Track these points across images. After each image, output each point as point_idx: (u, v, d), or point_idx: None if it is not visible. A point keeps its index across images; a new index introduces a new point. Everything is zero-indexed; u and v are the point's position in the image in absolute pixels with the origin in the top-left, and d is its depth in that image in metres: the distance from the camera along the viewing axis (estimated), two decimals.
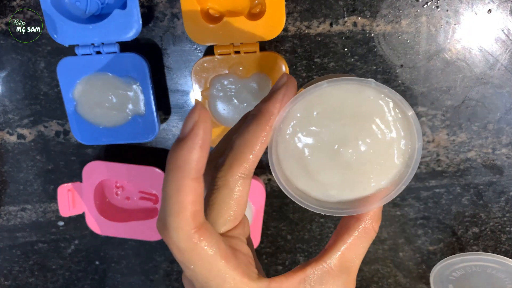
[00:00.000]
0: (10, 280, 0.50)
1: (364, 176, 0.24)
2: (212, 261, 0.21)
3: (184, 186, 0.19)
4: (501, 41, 0.38)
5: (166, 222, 0.20)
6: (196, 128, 0.19)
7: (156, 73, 0.41)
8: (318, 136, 0.23)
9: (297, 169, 0.24)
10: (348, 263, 0.24)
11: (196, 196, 0.20)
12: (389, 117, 0.23)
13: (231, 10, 0.37)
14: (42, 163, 0.44)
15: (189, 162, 0.19)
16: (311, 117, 0.23)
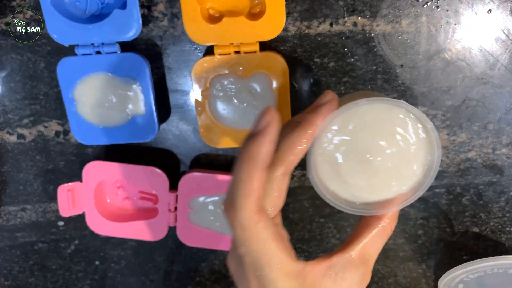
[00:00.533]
0: (10, 280, 0.50)
1: (388, 182, 0.28)
2: (266, 241, 0.24)
3: (254, 174, 0.24)
4: (501, 41, 0.38)
5: (235, 202, 0.24)
6: (269, 126, 0.24)
7: (156, 73, 0.41)
8: (351, 145, 0.27)
9: (330, 173, 0.28)
10: (367, 256, 0.27)
11: (261, 183, 0.24)
12: (413, 133, 0.27)
13: (231, 10, 0.38)
14: (42, 163, 0.44)
15: (260, 154, 0.24)
16: (347, 129, 0.27)
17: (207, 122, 0.39)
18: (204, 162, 0.44)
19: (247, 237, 0.24)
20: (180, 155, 0.44)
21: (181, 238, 0.44)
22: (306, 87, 0.40)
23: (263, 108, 0.25)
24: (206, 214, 0.43)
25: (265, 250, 0.25)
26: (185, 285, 0.49)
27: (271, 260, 0.25)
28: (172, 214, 0.43)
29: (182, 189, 0.42)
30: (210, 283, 0.48)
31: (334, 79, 0.39)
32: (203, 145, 0.43)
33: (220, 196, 0.42)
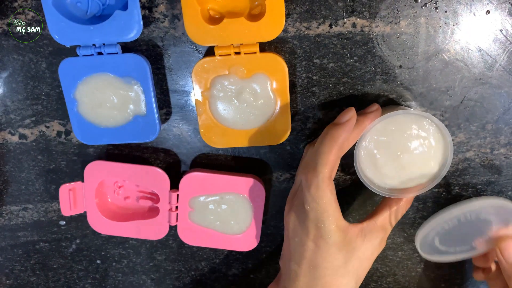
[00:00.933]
0: (12, 279, 0.50)
1: (411, 174, 0.37)
2: (331, 201, 0.33)
3: (334, 149, 0.33)
4: (499, 42, 0.38)
5: (317, 167, 0.33)
6: (350, 120, 0.34)
7: (157, 73, 0.41)
8: (387, 144, 0.37)
9: (369, 164, 0.37)
10: (386, 225, 0.38)
11: (336, 158, 0.34)
12: (434, 139, 0.36)
13: (231, 11, 0.38)
14: (44, 163, 0.45)
15: (340, 137, 0.34)
16: (386, 131, 0.36)
17: (207, 123, 0.40)
18: (204, 162, 0.44)
19: (319, 195, 0.33)
20: (181, 155, 0.44)
21: (182, 237, 0.44)
22: (306, 87, 0.40)
23: (347, 108, 0.35)
24: (207, 214, 0.43)
25: (329, 207, 0.33)
26: (185, 284, 0.49)
27: (331, 215, 0.34)
28: (173, 214, 0.43)
29: (183, 188, 0.42)
30: (211, 282, 0.48)
31: (333, 79, 0.40)
32: (204, 145, 0.43)
33: (221, 196, 0.43)
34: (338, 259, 0.35)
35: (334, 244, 0.34)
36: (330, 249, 0.34)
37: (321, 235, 0.34)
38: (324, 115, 0.41)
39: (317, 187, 0.33)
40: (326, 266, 0.35)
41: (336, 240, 0.34)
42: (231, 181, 0.42)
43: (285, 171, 0.44)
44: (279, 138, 0.40)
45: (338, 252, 0.35)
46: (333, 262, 0.35)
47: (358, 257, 0.36)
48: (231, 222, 0.43)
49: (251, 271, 0.48)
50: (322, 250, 0.34)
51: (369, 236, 0.36)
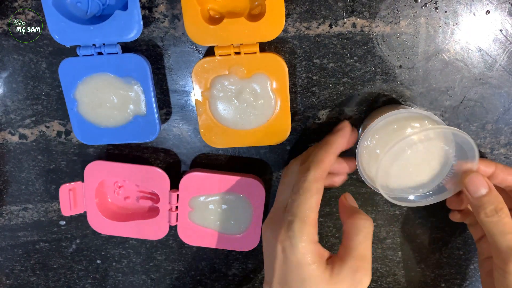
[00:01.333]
0: (12, 279, 0.50)
1: (415, 173, 0.37)
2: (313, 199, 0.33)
3: (330, 153, 0.35)
4: (499, 42, 0.38)
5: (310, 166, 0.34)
6: (344, 128, 0.37)
7: (157, 73, 0.41)
8: (389, 144, 0.35)
9: (371, 163, 0.36)
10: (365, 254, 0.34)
11: (330, 162, 0.35)
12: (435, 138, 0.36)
13: (231, 11, 0.38)
14: (44, 163, 0.45)
15: (335, 143, 0.36)
16: (387, 131, 0.36)
17: (207, 123, 0.40)
18: (204, 162, 0.44)
19: (306, 188, 0.33)
20: (181, 155, 0.44)
21: (182, 237, 0.44)
22: (306, 87, 0.40)
23: (342, 121, 0.38)
24: (207, 214, 0.43)
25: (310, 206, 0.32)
26: (185, 284, 0.49)
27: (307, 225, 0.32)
28: (173, 214, 0.43)
29: (183, 188, 0.42)
30: (211, 282, 0.49)
31: (333, 79, 0.40)
32: (204, 145, 0.43)
33: (221, 196, 0.43)
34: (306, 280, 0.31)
35: (302, 256, 0.31)
36: (296, 263, 0.31)
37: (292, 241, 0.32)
38: (324, 115, 0.41)
39: (309, 181, 0.33)
40: (293, 282, 0.32)
41: (305, 251, 0.31)
42: (231, 181, 0.42)
43: None
44: (279, 138, 0.40)
45: (306, 268, 0.31)
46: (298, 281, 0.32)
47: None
48: (231, 222, 0.43)
49: (251, 271, 0.48)
50: (289, 264, 0.32)
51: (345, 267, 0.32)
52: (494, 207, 0.34)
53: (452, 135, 0.35)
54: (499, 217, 0.34)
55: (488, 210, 0.34)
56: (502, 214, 0.34)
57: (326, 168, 0.34)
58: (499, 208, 0.34)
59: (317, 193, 0.33)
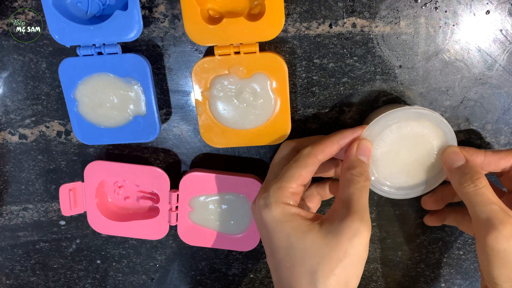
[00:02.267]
0: (12, 279, 0.50)
1: (414, 171, 0.37)
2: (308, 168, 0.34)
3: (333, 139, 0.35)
4: (499, 42, 0.38)
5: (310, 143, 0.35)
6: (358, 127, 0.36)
7: (157, 73, 0.41)
8: (387, 142, 0.36)
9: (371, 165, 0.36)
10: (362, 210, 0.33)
11: (335, 146, 0.35)
12: (434, 136, 0.36)
13: (230, 11, 0.38)
14: (44, 163, 0.45)
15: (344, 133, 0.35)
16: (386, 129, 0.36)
17: (207, 122, 0.40)
18: (204, 162, 0.44)
19: (296, 159, 0.34)
20: (181, 155, 0.44)
21: (182, 237, 0.44)
22: (306, 87, 0.40)
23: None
24: (207, 214, 0.43)
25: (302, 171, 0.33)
26: (185, 284, 0.49)
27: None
28: (173, 214, 0.43)
29: (183, 188, 0.42)
30: (211, 281, 0.49)
31: (333, 79, 0.40)
32: (204, 145, 0.43)
33: (221, 196, 0.43)
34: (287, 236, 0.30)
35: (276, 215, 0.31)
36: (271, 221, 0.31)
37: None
38: (324, 115, 0.41)
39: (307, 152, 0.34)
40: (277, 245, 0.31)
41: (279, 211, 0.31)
42: (231, 181, 0.42)
43: None
44: (279, 138, 0.40)
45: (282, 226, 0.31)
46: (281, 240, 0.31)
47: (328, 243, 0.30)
48: (231, 222, 0.43)
49: (251, 271, 0.48)
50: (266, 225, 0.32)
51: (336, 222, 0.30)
52: (470, 176, 0.33)
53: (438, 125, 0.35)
54: (475, 187, 0.32)
55: (464, 180, 0.33)
56: (480, 184, 0.32)
57: (323, 149, 0.34)
58: (476, 178, 0.33)
59: (305, 166, 0.33)
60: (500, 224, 0.30)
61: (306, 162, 0.33)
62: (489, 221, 0.30)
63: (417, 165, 0.37)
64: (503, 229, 0.30)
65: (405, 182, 0.37)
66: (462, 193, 0.33)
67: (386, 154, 0.37)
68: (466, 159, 0.34)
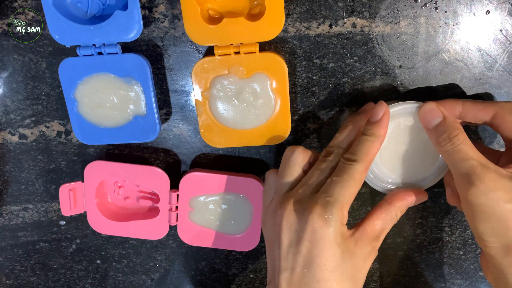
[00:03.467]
0: (12, 279, 0.50)
1: (414, 166, 0.37)
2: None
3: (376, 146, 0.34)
4: (499, 42, 0.38)
5: (359, 156, 0.33)
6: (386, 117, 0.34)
7: (157, 73, 0.41)
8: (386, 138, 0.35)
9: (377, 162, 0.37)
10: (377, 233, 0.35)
11: (378, 151, 0.34)
12: None
13: (230, 11, 0.38)
14: (44, 163, 0.45)
15: (383, 135, 0.34)
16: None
17: (207, 122, 0.40)
18: (204, 162, 0.44)
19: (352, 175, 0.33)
20: (181, 155, 0.44)
21: (182, 237, 0.44)
22: (306, 87, 0.40)
23: (378, 103, 0.35)
24: (207, 214, 0.43)
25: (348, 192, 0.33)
26: (185, 284, 0.49)
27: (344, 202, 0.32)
28: (173, 214, 0.43)
29: (183, 188, 0.42)
30: (211, 282, 0.49)
31: (333, 79, 0.40)
32: (204, 145, 0.43)
33: (221, 196, 0.43)
34: (336, 256, 0.32)
35: (334, 235, 0.31)
36: (328, 241, 0.31)
37: (324, 222, 0.31)
38: (324, 115, 0.41)
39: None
40: (321, 264, 0.32)
41: (337, 232, 0.32)
42: (231, 181, 0.42)
43: None
44: (279, 138, 0.40)
45: (337, 247, 0.32)
46: (330, 259, 0.32)
47: (354, 263, 0.33)
48: (231, 222, 0.43)
49: (251, 271, 0.48)
50: (319, 243, 0.31)
51: (360, 243, 0.33)
52: (448, 134, 0.32)
53: None
54: (453, 145, 0.32)
55: (442, 138, 0.32)
56: (457, 141, 0.32)
57: (371, 160, 0.33)
58: (454, 135, 0.32)
59: (360, 183, 0.33)
60: (478, 179, 0.30)
61: (361, 178, 0.33)
62: (468, 176, 0.30)
63: (417, 161, 0.37)
64: (480, 184, 0.30)
65: (405, 178, 0.37)
66: (442, 152, 0.33)
67: (385, 151, 0.36)
68: (444, 116, 0.33)
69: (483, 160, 0.31)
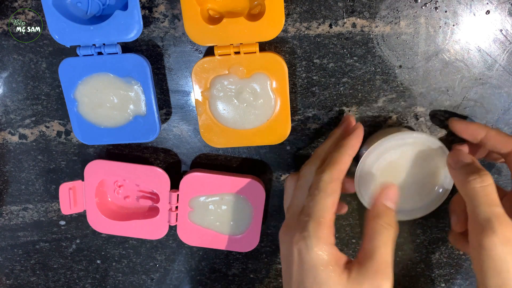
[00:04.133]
0: (12, 279, 0.50)
1: (409, 199, 0.39)
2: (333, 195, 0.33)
3: (346, 154, 0.34)
4: (499, 42, 0.38)
5: (327, 166, 0.33)
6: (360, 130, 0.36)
7: (157, 73, 0.41)
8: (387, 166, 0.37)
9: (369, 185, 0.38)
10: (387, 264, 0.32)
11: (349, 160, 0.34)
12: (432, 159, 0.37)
13: (230, 11, 0.38)
14: (44, 163, 0.45)
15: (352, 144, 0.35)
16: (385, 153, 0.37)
17: (207, 122, 0.40)
18: (204, 162, 0.44)
19: (321, 188, 0.32)
20: (181, 155, 0.44)
21: (182, 237, 0.44)
22: (306, 87, 0.40)
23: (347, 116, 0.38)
24: (207, 214, 0.43)
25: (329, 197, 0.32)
26: (185, 284, 0.49)
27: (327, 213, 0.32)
28: (173, 214, 0.43)
29: (183, 188, 0.42)
30: (211, 282, 0.49)
31: (333, 79, 0.40)
32: (204, 145, 0.43)
33: (221, 196, 0.43)
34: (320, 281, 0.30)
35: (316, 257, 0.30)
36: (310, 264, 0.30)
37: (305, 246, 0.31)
38: (324, 115, 0.41)
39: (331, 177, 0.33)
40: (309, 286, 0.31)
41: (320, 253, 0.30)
42: (231, 181, 0.42)
43: (285, 171, 0.44)
44: (279, 138, 0.40)
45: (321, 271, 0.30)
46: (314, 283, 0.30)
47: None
48: (231, 223, 0.43)
49: (251, 271, 0.48)
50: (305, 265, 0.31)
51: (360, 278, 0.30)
52: (478, 174, 0.32)
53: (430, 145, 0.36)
54: (482, 182, 0.31)
55: (471, 176, 0.32)
56: (487, 181, 0.31)
57: (341, 169, 0.33)
58: (483, 173, 0.32)
59: (332, 193, 0.32)
60: (500, 226, 0.29)
61: (332, 188, 0.32)
62: (490, 223, 0.29)
63: (413, 191, 0.38)
64: (501, 233, 0.29)
65: (401, 207, 0.38)
66: (467, 190, 0.32)
67: (383, 180, 0.38)
68: (473, 159, 0.34)
69: (503, 210, 0.30)
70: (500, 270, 0.29)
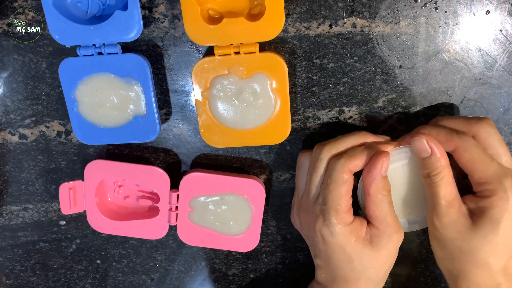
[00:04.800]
0: (12, 279, 0.50)
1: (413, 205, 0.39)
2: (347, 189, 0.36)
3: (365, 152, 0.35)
4: (499, 42, 0.38)
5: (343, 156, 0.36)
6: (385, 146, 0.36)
7: (157, 73, 0.41)
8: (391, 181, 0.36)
9: None
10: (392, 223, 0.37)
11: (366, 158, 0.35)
12: None
13: (230, 11, 0.38)
14: (44, 163, 0.45)
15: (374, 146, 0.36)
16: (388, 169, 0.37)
17: (207, 123, 0.40)
18: (204, 162, 0.44)
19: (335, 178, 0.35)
20: (181, 155, 0.44)
21: (182, 237, 0.44)
22: (306, 87, 0.40)
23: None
24: (207, 214, 0.43)
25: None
26: (185, 284, 0.49)
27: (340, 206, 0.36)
28: (173, 214, 0.43)
29: (183, 188, 0.42)
30: (211, 282, 0.49)
31: (333, 79, 0.40)
32: (204, 145, 0.43)
33: (221, 196, 0.43)
34: (346, 255, 0.36)
35: (339, 239, 0.35)
36: (334, 246, 0.36)
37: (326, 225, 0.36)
38: (324, 115, 0.41)
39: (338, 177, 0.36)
40: (338, 258, 0.36)
41: (342, 234, 0.35)
42: (231, 181, 0.42)
43: (285, 171, 0.44)
44: (279, 138, 0.40)
45: (345, 250, 0.36)
46: (341, 256, 0.36)
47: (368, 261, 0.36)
48: (231, 223, 0.43)
49: (251, 271, 0.48)
50: (330, 247, 0.36)
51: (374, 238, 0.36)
52: (428, 172, 0.34)
53: None
54: (432, 181, 0.34)
55: (424, 173, 0.35)
56: (436, 179, 0.34)
57: (356, 164, 0.35)
58: (434, 174, 0.34)
59: (345, 183, 0.35)
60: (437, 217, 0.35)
61: (343, 178, 0.35)
62: (432, 212, 0.35)
63: (414, 201, 0.38)
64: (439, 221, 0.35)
65: (409, 217, 0.39)
66: (424, 183, 0.36)
67: None
68: (432, 152, 0.34)
69: (451, 199, 0.34)
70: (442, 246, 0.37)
